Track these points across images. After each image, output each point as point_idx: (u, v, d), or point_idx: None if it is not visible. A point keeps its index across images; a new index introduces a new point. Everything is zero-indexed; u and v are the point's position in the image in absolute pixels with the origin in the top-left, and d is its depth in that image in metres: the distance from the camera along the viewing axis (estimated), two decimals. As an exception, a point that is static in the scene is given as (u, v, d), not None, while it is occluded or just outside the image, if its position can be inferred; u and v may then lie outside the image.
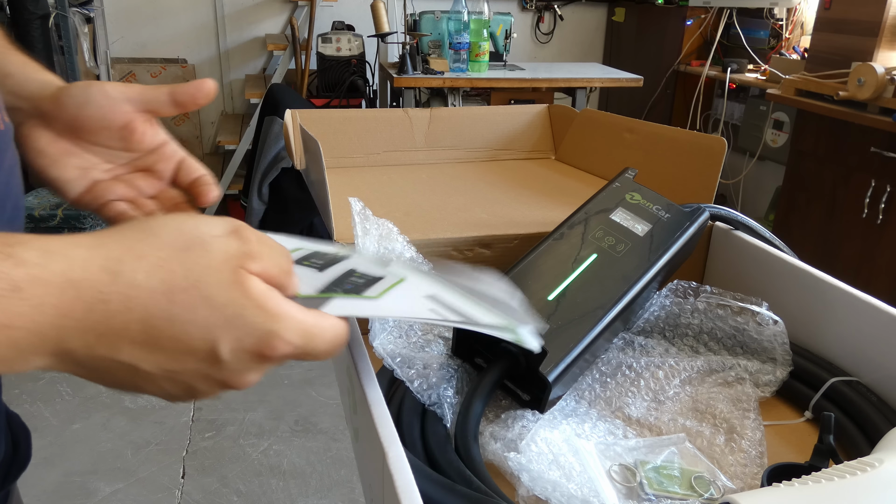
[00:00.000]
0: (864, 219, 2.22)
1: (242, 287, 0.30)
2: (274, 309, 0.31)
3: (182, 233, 0.30)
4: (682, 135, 0.82)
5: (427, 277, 0.40)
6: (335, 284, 0.37)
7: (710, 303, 0.63)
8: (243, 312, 0.30)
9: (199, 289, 0.29)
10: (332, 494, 1.71)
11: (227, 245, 0.31)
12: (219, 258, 0.30)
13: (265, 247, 0.32)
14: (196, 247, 0.30)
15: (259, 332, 0.30)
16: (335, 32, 3.02)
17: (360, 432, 0.48)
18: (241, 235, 0.31)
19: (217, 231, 0.31)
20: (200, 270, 0.30)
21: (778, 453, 0.53)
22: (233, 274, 0.30)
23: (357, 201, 0.62)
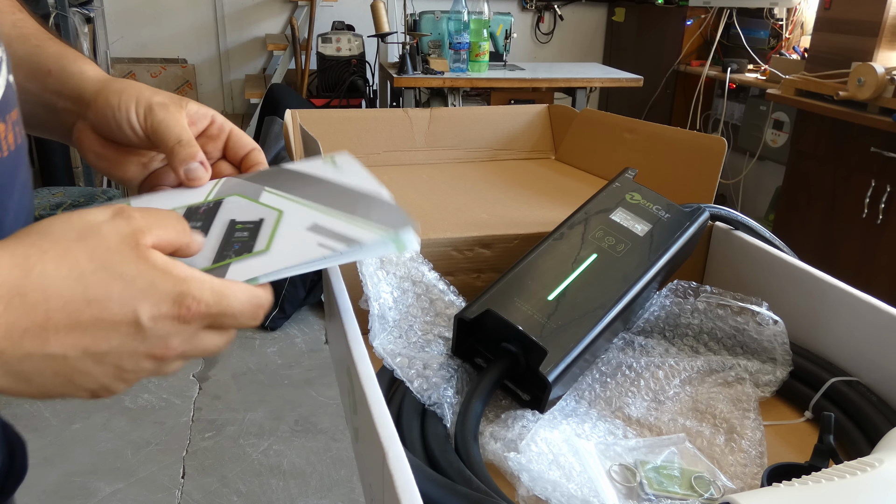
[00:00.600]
0: (864, 219, 2.22)
1: (146, 259, 0.32)
2: (181, 273, 0.32)
3: (72, 225, 0.32)
4: (682, 135, 0.82)
5: (300, 204, 0.42)
6: (224, 247, 0.38)
7: (710, 303, 0.63)
8: (154, 280, 0.31)
9: (108, 269, 0.31)
10: (332, 494, 1.71)
11: (116, 226, 0.32)
12: (114, 239, 0.32)
13: (152, 218, 0.34)
14: (89, 235, 0.31)
15: (172, 294, 0.32)
16: (335, 32, 3.02)
17: (360, 432, 0.48)
18: (125, 214, 0.33)
19: (102, 217, 0.32)
20: (102, 254, 0.31)
21: (778, 453, 0.53)
22: (133, 250, 0.32)
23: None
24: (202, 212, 0.42)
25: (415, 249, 0.43)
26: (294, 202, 0.42)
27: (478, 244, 0.71)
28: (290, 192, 0.43)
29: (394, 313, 0.58)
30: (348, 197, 0.43)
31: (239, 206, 0.42)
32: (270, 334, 2.38)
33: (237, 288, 0.34)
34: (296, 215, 0.41)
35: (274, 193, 0.44)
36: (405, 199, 0.83)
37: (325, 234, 0.39)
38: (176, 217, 0.35)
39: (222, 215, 0.41)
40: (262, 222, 0.40)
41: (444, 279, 0.63)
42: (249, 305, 0.35)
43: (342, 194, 0.43)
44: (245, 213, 0.41)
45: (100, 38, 3.07)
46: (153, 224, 0.33)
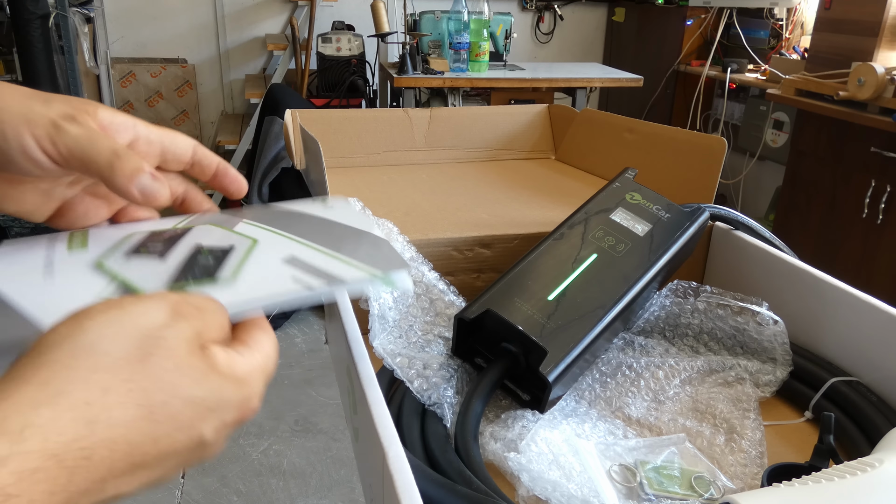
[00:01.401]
0: (864, 219, 2.22)
1: (214, 369, 0.29)
2: (242, 373, 0.30)
3: (130, 338, 0.27)
4: (682, 135, 0.82)
5: (281, 234, 0.37)
6: (184, 272, 0.33)
7: (710, 303, 0.63)
8: (221, 393, 0.29)
9: (178, 394, 0.27)
10: (332, 494, 1.71)
11: (180, 332, 0.28)
12: (182, 351, 0.28)
13: (202, 308, 0.30)
14: (155, 350, 0.27)
15: (237, 402, 0.30)
16: (335, 32, 3.02)
17: (360, 432, 0.48)
18: (182, 312, 0.29)
19: (161, 319, 0.28)
20: (172, 375, 0.27)
21: (778, 453, 0.53)
22: (202, 360, 0.28)
23: (357, 201, 0.62)
24: (166, 237, 0.36)
25: (408, 292, 0.40)
26: (272, 233, 0.37)
27: (478, 244, 0.71)
28: (269, 223, 0.39)
29: (394, 313, 0.58)
30: (336, 233, 0.38)
31: (209, 233, 0.37)
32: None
33: (271, 351, 0.32)
34: (272, 246, 0.36)
35: (251, 224, 0.38)
36: (405, 199, 0.83)
37: (303, 269, 0.34)
38: (214, 303, 0.31)
39: (188, 240, 0.36)
40: (232, 249, 0.35)
41: (444, 279, 0.63)
42: (276, 354, 0.33)
43: (329, 230, 0.39)
44: (215, 239, 0.36)
45: (100, 38, 3.07)
46: (207, 315, 0.30)
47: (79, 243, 0.36)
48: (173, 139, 0.38)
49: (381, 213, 0.64)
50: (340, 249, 0.36)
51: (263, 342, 0.32)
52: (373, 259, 0.36)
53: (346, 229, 0.39)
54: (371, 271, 0.35)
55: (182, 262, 0.34)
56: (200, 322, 0.29)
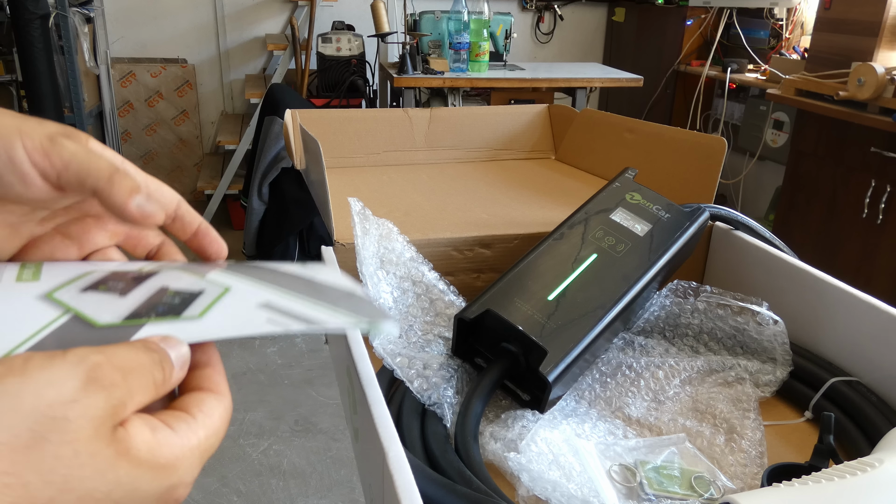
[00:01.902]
0: (864, 219, 2.22)
1: (127, 455, 0.23)
2: (168, 458, 0.25)
3: (22, 417, 0.21)
4: (682, 135, 0.82)
5: (257, 282, 0.34)
6: (145, 308, 0.30)
7: (710, 303, 0.63)
8: (135, 486, 0.24)
9: (71, 489, 0.22)
10: (332, 494, 1.71)
11: (88, 408, 0.23)
12: (85, 434, 0.22)
13: (129, 370, 0.25)
14: (50, 434, 0.22)
15: (155, 494, 0.25)
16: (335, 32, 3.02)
17: (360, 432, 0.48)
18: (98, 379, 0.23)
19: (69, 391, 0.22)
20: (66, 466, 0.22)
21: (778, 453, 0.53)
22: (110, 445, 0.23)
23: (357, 201, 0.62)
24: (129, 277, 0.33)
25: (393, 335, 0.38)
26: (247, 280, 0.34)
27: (478, 244, 0.71)
28: (245, 273, 0.35)
29: (394, 313, 0.58)
30: (317, 286, 0.35)
31: (178, 278, 0.34)
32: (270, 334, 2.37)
33: (220, 422, 0.28)
34: (246, 292, 0.33)
35: (225, 273, 0.35)
36: (405, 199, 0.83)
37: (279, 313, 0.31)
38: (155, 359, 0.26)
39: (153, 282, 0.33)
40: (202, 293, 0.32)
41: (444, 279, 0.63)
42: (225, 427, 0.28)
43: (310, 284, 0.35)
44: (184, 283, 0.33)
45: (100, 38, 3.07)
46: (135, 388, 0.24)
47: (30, 275, 0.33)
48: (159, 187, 0.35)
49: (381, 213, 0.64)
50: (321, 298, 0.33)
51: (212, 411, 0.27)
52: (356, 308, 0.33)
53: (328, 286, 0.36)
54: (355, 317, 0.32)
55: (144, 299, 0.31)
56: (123, 391, 0.24)
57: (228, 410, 0.28)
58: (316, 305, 0.32)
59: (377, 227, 0.62)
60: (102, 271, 0.34)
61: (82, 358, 0.23)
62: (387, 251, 0.61)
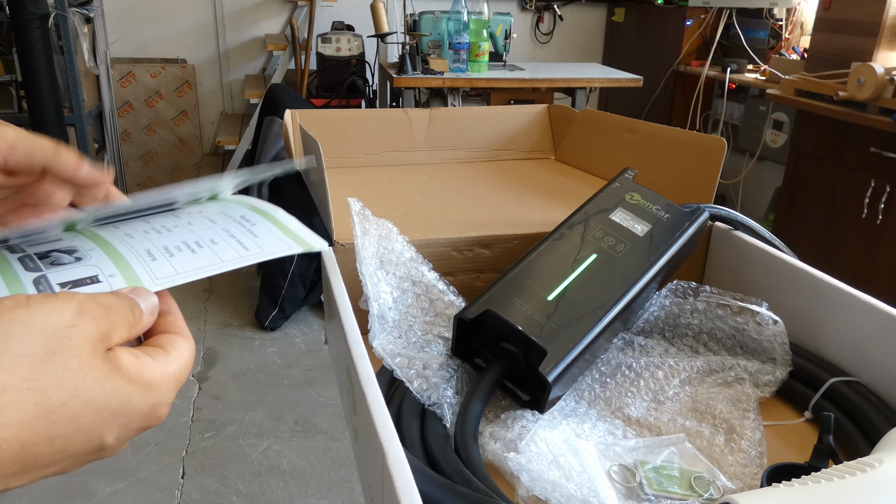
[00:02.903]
0: (864, 219, 2.22)
1: (120, 372, 0.28)
2: (151, 379, 0.29)
3: (35, 336, 0.26)
4: (682, 135, 0.82)
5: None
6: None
7: (709, 303, 0.63)
8: (127, 399, 0.28)
9: (79, 396, 0.27)
10: (332, 494, 1.71)
11: (85, 331, 0.27)
12: (86, 351, 0.27)
13: (110, 307, 0.29)
14: (59, 350, 0.26)
15: (144, 409, 0.29)
16: (335, 32, 3.02)
17: (359, 432, 0.48)
18: (87, 310, 0.28)
19: (67, 317, 0.27)
20: (74, 375, 0.27)
21: (778, 453, 0.53)
22: (106, 362, 0.28)
23: (356, 201, 0.62)
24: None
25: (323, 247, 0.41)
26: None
27: (478, 244, 0.70)
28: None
29: (393, 313, 0.58)
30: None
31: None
32: (270, 334, 2.38)
33: (188, 358, 0.32)
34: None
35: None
36: (405, 199, 0.83)
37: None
38: (128, 303, 0.31)
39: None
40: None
41: (444, 279, 0.63)
42: (192, 362, 0.33)
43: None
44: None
45: (100, 38, 3.07)
46: (116, 323, 0.29)
47: None
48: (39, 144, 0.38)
49: (381, 213, 0.64)
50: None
51: (182, 349, 0.32)
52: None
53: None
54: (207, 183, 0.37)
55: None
56: (107, 322, 0.29)
57: (193, 349, 0.33)
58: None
59: (377, 227, 0.62)
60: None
61: (72, 295, 0.28)
62: (386, 251, 0.61)
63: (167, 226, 0.38)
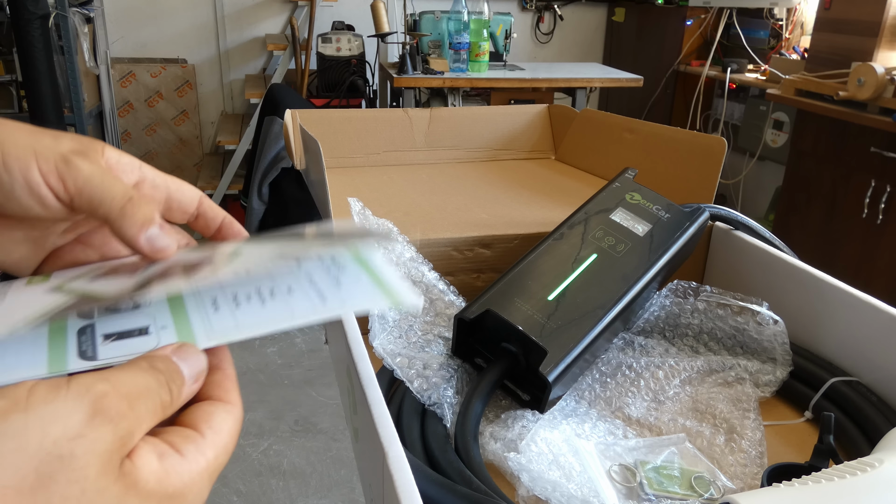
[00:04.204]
0: (864, 219, 2.22)
1: (136, 489, 0.23)
2: (178, 486, 0.24)
3: (28, 457, 0.20)
4: (682, 135, 0.82)
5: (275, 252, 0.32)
6: (156, 275, 0.29)
7: (710, 303, 0.63)
8: None
9: None
10: (332, 494, 1.71)
11: (95, 443, 0.22)
12: (93, 471, 0.21)
13: (136, 396, 0.24)
14: (58, 473, 0.21)
15: None
16: (335, 32, 3.02)
17: (360, 432, 0.48)
18: (104, 410, 0.22)
19: (74, 425, 0.21)
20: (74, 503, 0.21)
21: (778, 453, 0.53)
22: (118, 481, 0.22)
23: (356, 201, 0.62)
24: (142, 262, 0.32)
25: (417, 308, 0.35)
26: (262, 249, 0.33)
27: (478, 244, 0.70)
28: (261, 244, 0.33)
29: (394, 313, 0.58)
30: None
31: (189, 252, 0.32)
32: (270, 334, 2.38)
33: (228, 439, 0.27)
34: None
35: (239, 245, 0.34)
36: (405, 199, 0.83)
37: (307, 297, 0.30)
38: (162, 380, 0.25)
39: (165, 263, 0.31)
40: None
41: (444, 279, 0.63)
42: (234, 442, 0.28)
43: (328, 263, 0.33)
44: (195, 255, 0.32)
45: (100, 38, 3.07)
46: (143, 414, 0.24)
47: (40, 280, 0.32)
48: (179, 187, 0.34)
49: (381, 213, 0.64)
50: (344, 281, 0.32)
51: (222, 427, 0.26)
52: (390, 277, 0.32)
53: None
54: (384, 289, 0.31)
55: (154, 271, 0.30)
56: (130, 420, 0.23)
57: (238, 422, 0.27)
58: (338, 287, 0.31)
59: (377, 227, 0.62)
60: (115, 263, 0.33)
61: (87, 388, 0.22)
62: (387, 251, 0.61)
63: (248, 268, 0.32)
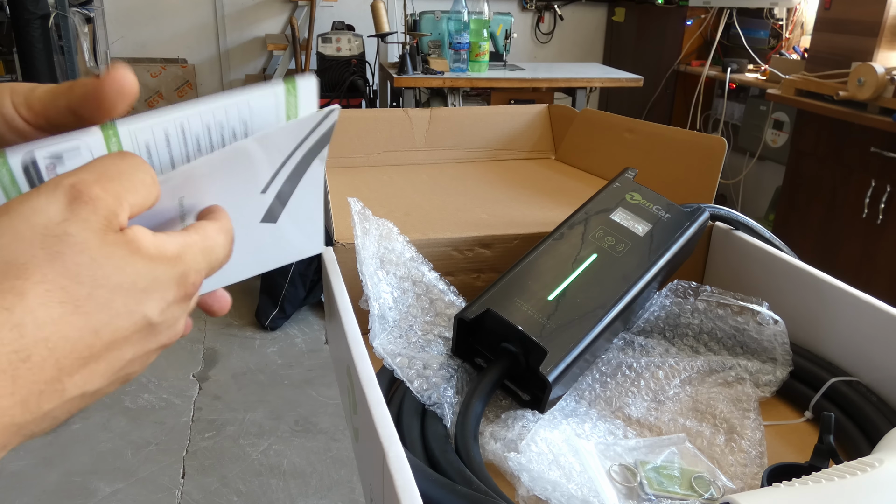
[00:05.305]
0: (864, 219, 2.22)
1: (137, 253, 0.27)
2: (173, 251, 0.28)
3: (28, 242, 0.25)
4: (682, 135, 0.82)
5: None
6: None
7: (710, 303, 0.63)
8: (153, 274, 0.27)
9: (101, 284, 0.26)
10: (332, 494, 1.71)
11: (84, 222, 0.25)
12: (92, 242, 0.25)
13: (115, 182, 0.27)
14: (61, 248, 0.25)
15: (174, 279, 0.28)
16: (335, 32, 3.02)
17: (360, 432, 0.48)
18: (81, 196, 0.26)
19: (57, 213, 0.25)
20: (89, 268, 0.25)
21: (778, 453, 0.53)
22: (121, 246, 0.26)
23: (356, 201, 0.62)
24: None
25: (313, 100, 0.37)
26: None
27: (478, 244, 0.70)
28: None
29: (394, 313, 0.58)
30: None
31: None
32: (270, 334, 2.38)
33: (213, 232, 0.31)
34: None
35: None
36: (405, 199, 0.83)
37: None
38: (134, 163, 0.28)
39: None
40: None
41: (444, 279, 0.63)
42: (228, 242, 0.32)
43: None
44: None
45: (100, 38, 3.07)
46: (121, 192, 0.27)
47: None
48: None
49: (381, 213, 0.64)
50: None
51: (206, 227, 0.31)
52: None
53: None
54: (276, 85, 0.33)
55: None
56: (109, 198, 0.26)
57: (224, 228, 0.31)
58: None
59: (377, 227, 0.62)
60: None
61: (57, 183, 0.26)
62: (387, 251, 0.61)
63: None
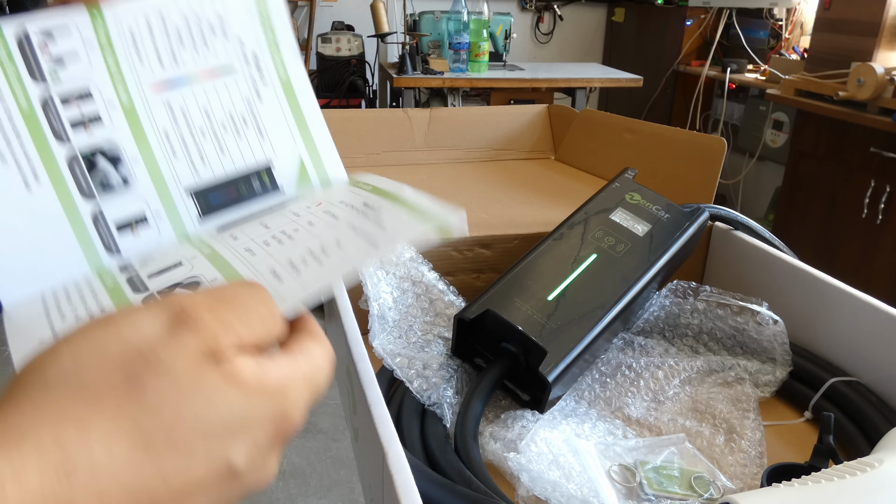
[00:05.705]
0: (864, 219, 2.22)
1: (235, 383, 0.23)
2: (275, 383, 0.24)
3: (112, 359, 0.21)
4: (682, 135, 0.82)
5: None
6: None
7: (709, 303, 0.63)
8: (248, 412, 0.23)
9: (183, 418, 0.22)
10: (332, 494, 1.71)
11: (180, 347, 0.22)
12: (183, 368, 0.22)
13: (219, 307, 0.24)
14: (145, 371, 0.21)
15: (270, 418, 0.24)
16: (335, 32, 3.02)
17: (359, 432, 0.48)
18: (185, 320, 0.23)
19: (155, 332, 0.22)
20: (171, 398, 0.21)
21: (778, 453, 0.53)
22: (214, 376, 0.22)
23: (357, 201, 0.62)
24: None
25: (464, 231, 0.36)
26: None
27: (478, 244, 0.71)
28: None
29: (394, 313, 0.58)
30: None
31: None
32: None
33: (319, 358, 0.27)
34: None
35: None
36: (405, 199, 0.83)
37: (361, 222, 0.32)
38: (255, 293, 0.25)
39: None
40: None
41: (444, 279, 0.63)
42: (332, 369, 0.28)
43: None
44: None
45: (99, 38, 3.07)
46: (231, 321, 0.24)
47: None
48: None
49: (381, 214, 0.64)
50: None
51: (311, 351, 0.27)
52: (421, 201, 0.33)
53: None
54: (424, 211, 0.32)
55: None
56: (214, 326, 0.23)
57: (327, 354, 0.28)
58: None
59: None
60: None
61: (167, 304, 0.23)
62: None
63: (287, 231, 0.33)
